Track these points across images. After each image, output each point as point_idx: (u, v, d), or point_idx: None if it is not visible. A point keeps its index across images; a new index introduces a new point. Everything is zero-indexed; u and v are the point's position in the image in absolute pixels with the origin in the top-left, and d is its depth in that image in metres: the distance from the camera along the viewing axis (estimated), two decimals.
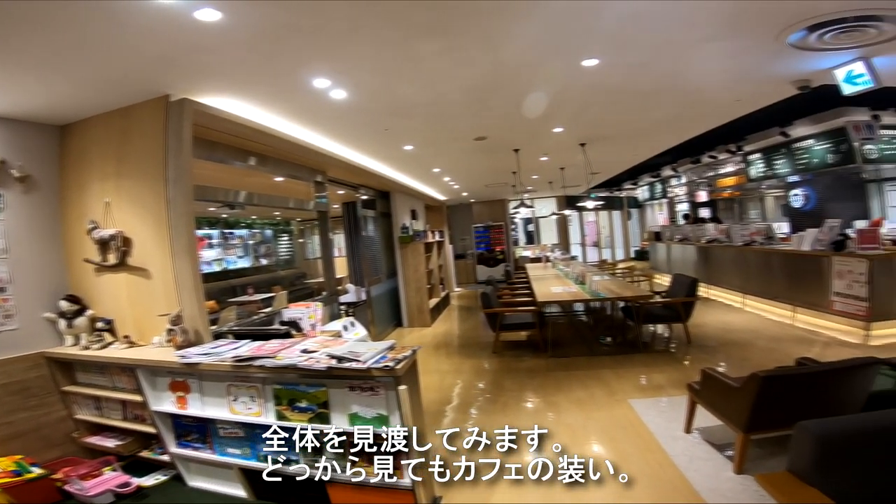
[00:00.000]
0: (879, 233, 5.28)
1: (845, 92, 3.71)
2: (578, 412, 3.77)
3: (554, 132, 5.66)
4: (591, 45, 3.04)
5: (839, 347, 4.90)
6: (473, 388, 4.72)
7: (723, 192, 10.60)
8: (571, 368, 4.90)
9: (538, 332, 5.72)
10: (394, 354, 2.30)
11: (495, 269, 13.24)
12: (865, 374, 2.48)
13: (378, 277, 7.50)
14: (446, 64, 3.18)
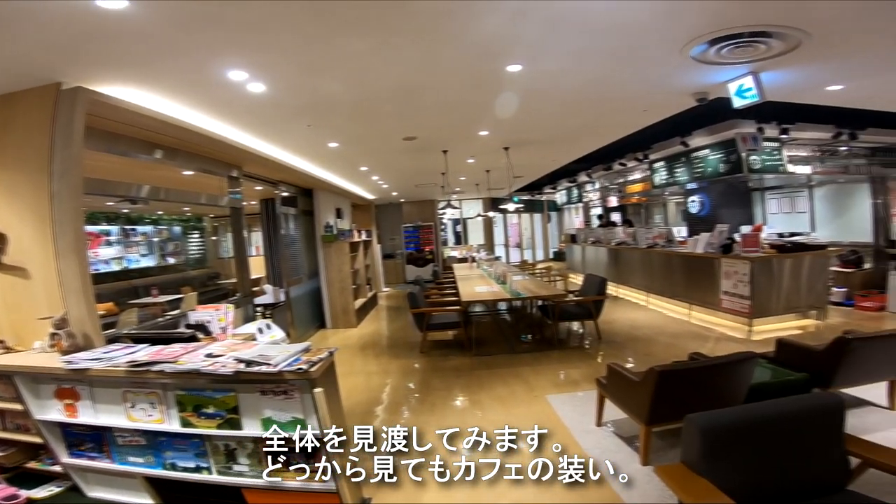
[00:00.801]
0: (760, 237, 5.98)
1: (735, 105, 3.94)
2: (501, 409, 3.88)
3: (480, 135, 5.77)
4: (515, 51, 3.12)
5: (728, 342, 5.42)
6: (402, 388, 4.71)
7: (631, 197, 11.43)
8: (494, 366, 5.03)
9: (464, 332, 5.81)
10: (309, 357, 2.23)
11: (424, 269, 13.28)
12: (745, 367, 2.73)
13: (299, 278, 7.22)
14: (375, 62, 3.13)
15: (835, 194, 8.22)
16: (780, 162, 6.86)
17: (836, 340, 3.07)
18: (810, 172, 7.18)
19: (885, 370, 3.27)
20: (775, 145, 6.84)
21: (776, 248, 5.91)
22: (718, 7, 2.51)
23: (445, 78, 3.61)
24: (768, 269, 5.66)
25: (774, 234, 6.98)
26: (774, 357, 3.49)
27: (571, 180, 12.90)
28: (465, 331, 5.81)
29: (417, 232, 13.94)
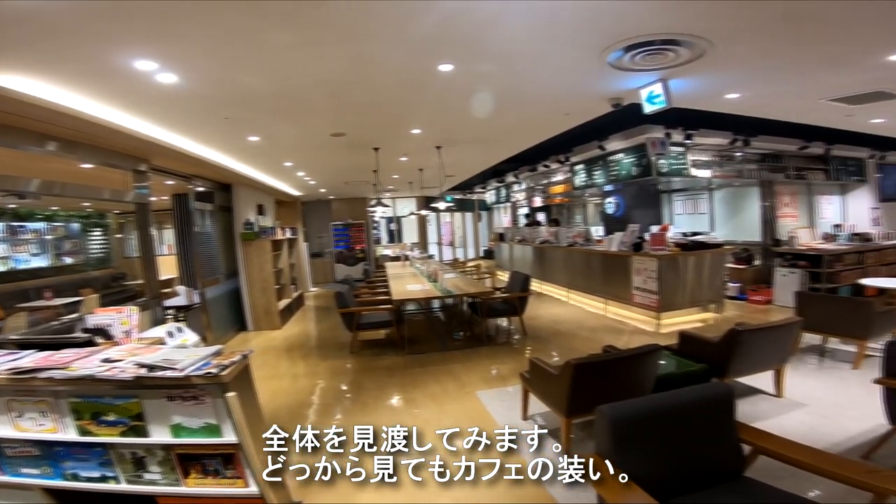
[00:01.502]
0: (666, 236, 6.49)
1: (646, 111, 4.11)
2: (433, 406, 3.91)
3: (413, 133, 5.75)
4: (447, 50, 3.14)
5: (640, 335, 5.84)
6: (332, 389, 4.62)
7: (555, 198, 11.96)
8: (427, 364, 5.05)
9: (396, 330, 5.78)
10: (220, 360, 2.12)
11: (354, 268, 13.02)
12: (651, 359, 2.92)
13: (216, 278, 6.80)
14: (301, 57, 3.04)
15: (731, 197, 9.13)
16: (685, 166, 7.44)
17: (729, 332, 3.38)
18: (710, 176, 7.83)
19: (772, 359, 3.62)
20: (681, 150, 7.38)
21: (680, 246, 6.45)
22: (633, 14, 2.66)
23: (376, 75, 3.56)
24: (674, 265, 6.16)
25: (679, 234, 7.60)
26: (678, 349, 3.78)
27: (500, 180, 13.27)
28: (398, 329, 5.78)
29: (348, 230, 13.63)
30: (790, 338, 3.69)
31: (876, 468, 1.82)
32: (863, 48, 3.17)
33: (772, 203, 8.34)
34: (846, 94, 4.37)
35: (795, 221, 8.68)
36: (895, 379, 2.59)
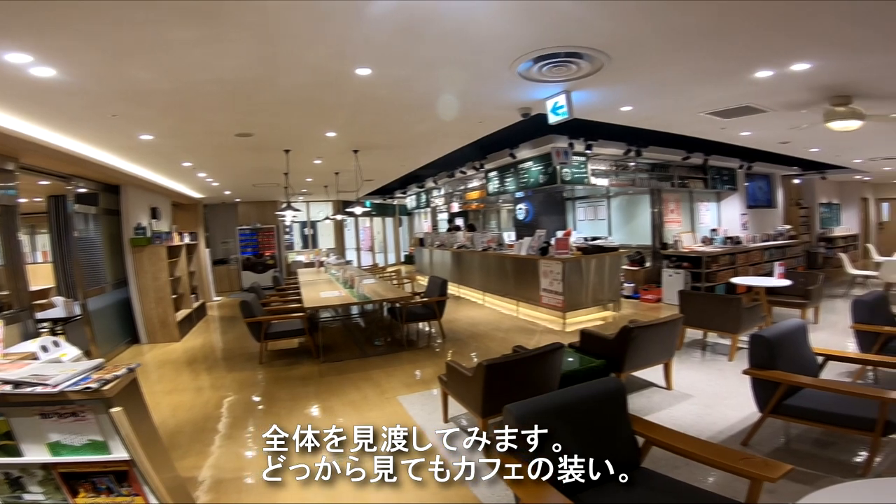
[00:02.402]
0: (569, 241, 6.96)
1: (551, 121, 4.29)
2: (353, 413, 3.84)
3: (328, 136, 5.62)
4: (365, 54, 3.12)
5: (548, 334, 6.15)
6: (241, 401, 4.37)
7: (471, 204, 12.31)
8: (345, 372, 4.94)
9: (310, 339, 5.59)
10: (101, 374, 1.98)
11: (264, 275, 12.35)
12: (556, 357, 3.09)
13: (101, 287, 6.10)
14: (203, 54, 2.86)
15: (626, 204, 10.02)
16: (586, 174, 8.02)
17: (622, 330, 3.67)
18: (608, 184, 8.50)
19: (660, 354, 3.97)
20: (582, 159, 7.94)
21: (582, 250, 6.96)
22: (541, 27, 2.81)
23: (288, 76, 3.45)
24: (577, 268, 6.62)
25: (581, 238, 8.18)
26: (580, 346, 4.06)
27: (420, 185, 13.37)
28: (312, 338, 5.59)
29: (256, 235, 12.89)
30: (675, 333, 4.09)
31: (749, 455, 1.98)
32: (733, 65, 3.55)
33: (660, 209, 9.27)
34: (720, 108, 4.89)
35: (679, 226, 9.75)
36: (760, 369, 2.94)
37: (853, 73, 3.67)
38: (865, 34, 2.85)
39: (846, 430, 2.72)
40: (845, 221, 14.37)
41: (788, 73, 3.65)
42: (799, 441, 3.06)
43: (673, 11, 2.56)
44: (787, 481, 2.35)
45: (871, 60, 3.36)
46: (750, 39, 2.98)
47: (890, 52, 3.17)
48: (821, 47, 3.11)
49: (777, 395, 2.84)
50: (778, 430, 3.14)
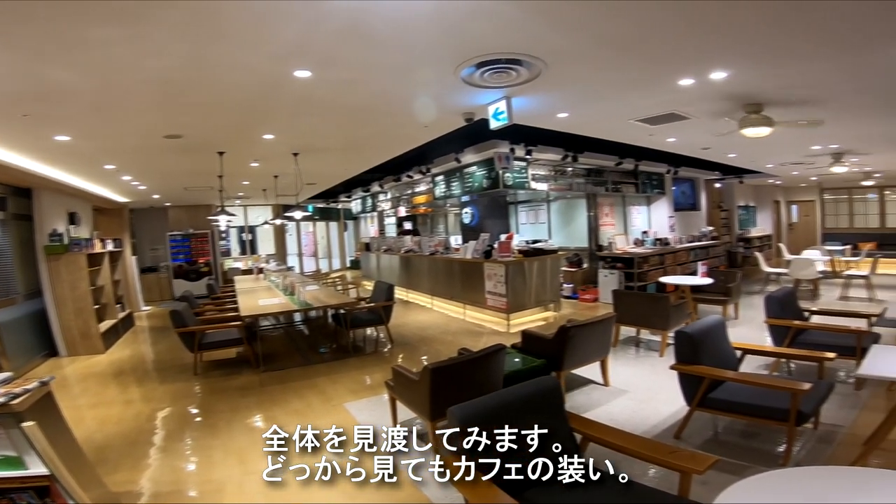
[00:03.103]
0: (511, 244, 7.14)
1: (492, 126, 4.36)
2: (298, 422, 3.72)
3: (265, 139, 5.45)
4: (304, 57, 3.06)
5: (494, 336, 6.28)
6: (176, 413, 4.18)
7: (419, 208, 12.32)
8: (287, 381, 4.82)
9: (249, 348, 5.37)
10: (9, 388, 1.87)
11: (198, 283, 11.70)
12: (498, 358, 3.14)
13: (11, 298, 5.57)
14: (127, 53, 2.73)
15: (565, 207, 10.41)
16: (526, 179, 8.25)
17: (559, 329, 3.80)
18: (547, 188, 8.80)
19: (597, 352, 4.15)
20: (523, 164, 8.15)
21: (523, 252, 7.16)
22: (482, 33, 2.86)
23: (222, 77, 3.32)
24: (519, 270, 6.80)
25: (524, 241, 8.41)
26: (522, 347, 4.16)
27: (365, 189, 13.19)
28: (251, 347, 5.38)
29: (189, 241, 12.18)
30: (609, 331, 4.29)
31: (677, 449, 2.09)
32: (659, 73, 3.76)
33: (595, 213, 9.72)
34: (648, 115, 5.17)
35: (613, 229, 10.26)
36: (685, 364, 3.06)
37: (763, 81, 3.95)
38: (773, 45, 3.09)
39: (765, 421, 2.87)
40: (760, 223, 15.74)
41: (708, 82, 3.89)
42: (727, 433, 3.23)
43: (604, 21, 2.68)
44: (716, 472, 2.48)
45: (779, 70, 3.64)
46: (673, 49, 3.17)
47: (794, 63, 3.46)
48: (735, 57, 3.35)
49: (702, 388, 2.99)
50: (707, 422, 3.30)
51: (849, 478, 1.57)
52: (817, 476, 1.62)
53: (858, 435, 2.99)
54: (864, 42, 2.98)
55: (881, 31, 2.79)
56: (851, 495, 1.42)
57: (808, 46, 3.10)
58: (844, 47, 3.10)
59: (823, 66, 3.52)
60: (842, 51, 3.17)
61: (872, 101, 4.55)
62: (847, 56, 3.27)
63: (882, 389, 3.69)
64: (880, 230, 15.15)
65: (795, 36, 2.92)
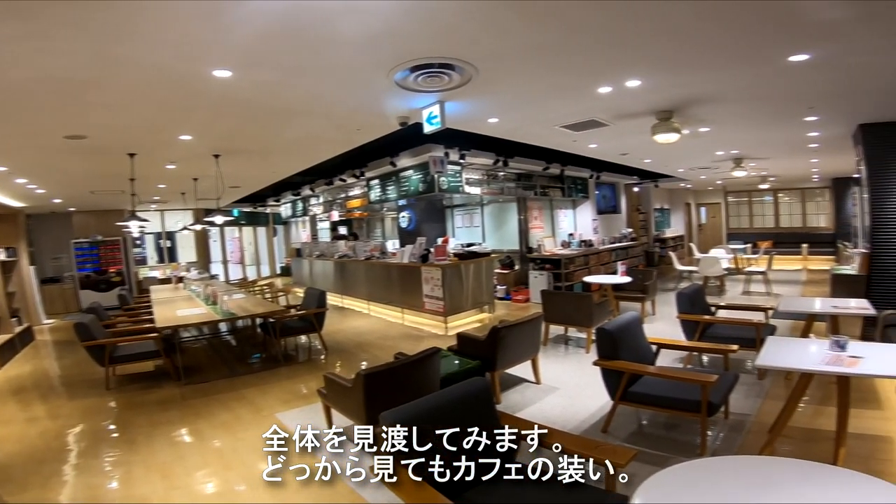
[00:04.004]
0: (447, 248, 7.22)
1: (426, 130, 4.39)
2: (226, 435, 3.61)
3: (182, 140, 5.12)
4: (223, 57, 2.94)
5: (433, 339, 6.29)
6: (89, 430, 3.89)
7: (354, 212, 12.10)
8: (212, 393, 4.60)
9: (168, 360, 5.06)
10: None
11: (108, 294, 10.72)
12: (433, 361, 3.17)
13: None
14: (23, 51, 2.54)
15: (497, 211, 10.69)
16: (461, 183, 8.36)
17: (491, 330, 3.90)
18: (480, 192, 8.97)
19: (527, 351, 4.28)
20: (457, 168, 8.26)
21: (458, 256, 7.27)
22: (415, 36, 2.86)
23: (131, 77, 3.12)
24: (455, 273, 6.89)
25: (459, 245, 8.53)
26: (458, 349, 4.23)
27: (296, 193, 12.72)
28: (170, 359, 5.07)
29: (97, 249, 11.11)
30: (538, 330, 4.44)
31: (600, 443, 2.15)
32: (581, 81, 3.91)
33: (525, 216, 10.07)
34: (571, 121, 5.39)
35: (542, 232, 10.68)
36: (606, 360, 3.19)
37: (671, 90, 4.24)
38: (674, 57, 3.33)
39: (680, 413, 3.01)
40: (674, 224, 17.07)
41: (624, 89, 4.11)
42: (651, 425, 3.40)
43: (531, 28, 2.77)
44: (641, 464, 2.62)
45: (683, 79, 3.93)
46: (593, 57, 3.32)
47: (695, 73, 3.73)
48: (645, 66, 3.57)
49: (622, 383, 3.12)
50: (631, 415, 3.46)
51: (753, 467, 1.68)
52: (723, 467, 1.70)
53: (764, 423, 3.19)
54: (755, 53, 3.27)
55: (770, 43, 3.07)
56: (750, 486, 1.51)
57: (705, 58, 3.36)
58: (738, 58, 3.38)
59: (721, 76, 3.82)
60: (736, 62, 3.45)
61: (765, 109, 5.00)
62: (741, 66, 3.56)
63: (781, 378, 4.05)
64: (775, 230, 17.00)
65: (692, 48, 3.16)
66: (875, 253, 5.36)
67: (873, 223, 5.37)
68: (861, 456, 2.75)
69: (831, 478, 1.52)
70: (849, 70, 3.61)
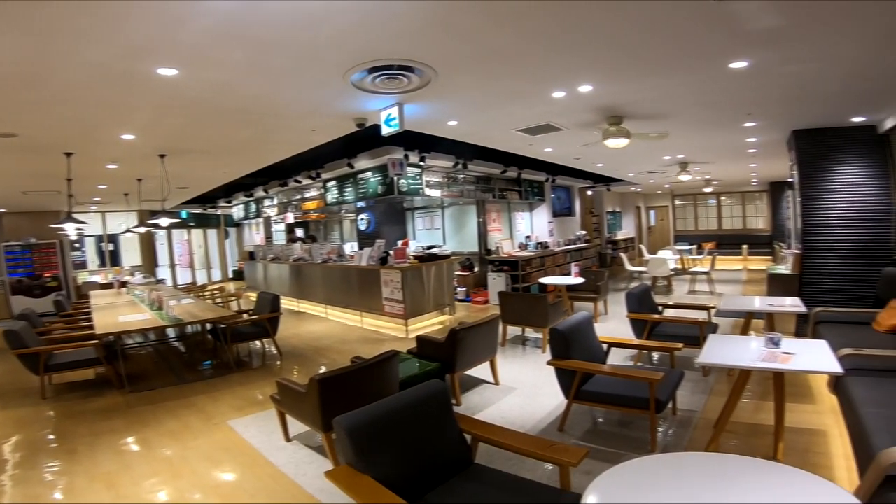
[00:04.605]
0: (407, 250, 7.19)
1: (383, 132, 4.35)
2: (174, 444, 3.46)
3: (124, 139, 4.88)
4: (170, 55, 2.84)
5: (393, 342, 6.23)
6: (23, 441, 3.66)
7: (310, 214, 11.82)
8: (159, 401, 4.41)
9: (110, 368, 4.82)
10: None
11: (43, 300, 10.00)
12: (391, 364, 3.14)
13: None
14: None
15: (458, 213, 10.74)
16: (421, 185, 8.33)
17: (450, 332, 3.91)
18: (441, 195, 8.96)
19: (486, 352, 4.30)
20: (417, 171, 8.22)
21: (419, 258, 7.25)
22: (374, 38, 2.84)
23: (66, 73, 2.97)
24: (416, 276, 6.87)
25: (420, 247, 8.51)
26: (417, 352, 4.21)
27: (248, 194, 12.29)
28: (113, 367, 4.83)
29: (30, 253, 10.36)
30: (496, 332, 4.48)
31: (553, 443, 2.12)
32: (537, 86, 3.98)
33: (484, 219, 10.17)
34: (527, 125, 5.50)
35: (500, 234, 10.83)
36: (559, 360, 3.23)
37: (621, 96, 4.38)
38: (627, 63, 3.43)
39: (631, 410, 3.05)
40: (625, 226, 17.74)
41: (577, 94, 4.22)
42: (606, 423, 3.46)
43: (490, 33, 2.80)
44: (597, 461, 2.72)
45: (631, 86, 4.05)
46: (547, 63, 3.40)
47: (641, 79, 3.86)
48: (597, 72, 3.67)
49: (575, 382, 3.17)
50: (586, 413, 3.54)
51: (697, 464, 1.72)
52: (669, 465, 1.74)
53: (710, 418, 3.30)
54: (699, 61, 3.42)
55: (713, 51, 3.21)
56: (693, 484, 1.56)
57: (653, 65, 3.49)
58: (684, 66, 3.53)
59: (667, 83, 3.98)
60: (682, 69, 3.60)
61: (709, 115, 5.25)
62: (686, 74, 3.72)
63: (724, 375, 4.25)
64: (718, 231, 17.98)
65: (640, 56, 3.27)
66: (806, 253, 5.74)
67: (804, 225, 5.74)
68: (799, 450, 2.89)
69: (768, 474, 1.58)
70: (783, 78, 3.81)
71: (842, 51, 3.20)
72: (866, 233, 5.46)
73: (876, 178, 5.41)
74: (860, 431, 2.38)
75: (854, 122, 5.37)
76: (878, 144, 5.41)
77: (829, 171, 5.60)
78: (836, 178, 5.57)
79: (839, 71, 3.66)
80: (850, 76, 3.78)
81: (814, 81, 3.93)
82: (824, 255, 5.64)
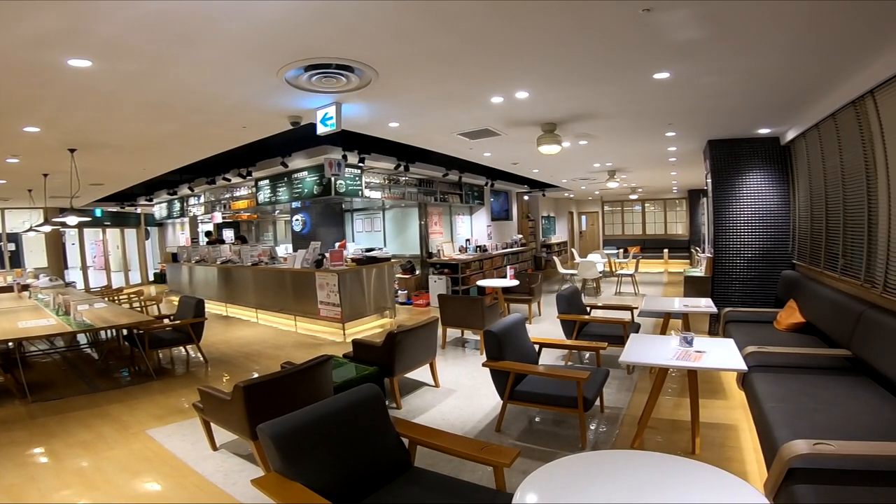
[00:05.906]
0: (344, 253, 7.05)
1: (319, 131, 4.24)
2: (88, 455, 3.22)
3: (27, 131, 4.48)
4: (82, 45, 2.65)
5: (329, 346, 6.07)
6: None
7: (238, 214, 11.27)
8: (67, 411, 4.09)
9: (9, 377, 4.45)
10: None
11: None
12: (323, 369, 3.07)
13: None
14: None
15: (399, 216, 10.69)
16: (360, 187, 8.21)
17: (388, 336, 3.88)
18: (381, 197, 8.87)
19: (425, 354, 4.30)
20: (357, 172, 8.09)
21: (356, 261, 7.13)
22: (310, 36, 2.75)
23: None
24: (354, 279, 6.75)
25: (359, 250, 8.38)
26: (354, 356, 4.14)
27: (172, 192, 11.49)
28: (12, 375, 4.46)
29: None
30: (434, 334, 4.48)
31: (487, 444, 2.15)
32: (476, 90, 4.00)
33: (426, 221, 10.21)
34: (467, 129, 5.55)
35: (442, 237, 10.92)
36: (493, 361, 3.28)
37: (554, 103, 4.50)
38: (559, 70, 3.52)
39: (561, 409, 3.13)
40: (559, 231, 18.48)
41: (514, 100, 4.30)
42: (542, 422, 3.53)
43: (432, 34, 2.80)
44: (532, 460, 2.80)
45: (561, 94, 4.17)
46: (486, 67, 3.43)
47: (577, 86, 3.97)
48: (533, 79, 3.75)
49: (509, 382, 3.22)
50: (521, 413, 3.60)
51: (619, 462, 1.82)
52: (594, 462, 1.81)
53: (635, 415, 3.39)
54: (625, 71, 3.56)
55: (638, 61, 3.35)
56: (616, 480, 1.65)
57: (583, 73, 3.60)
58: (611, 76, 3.67)
59: (597, 91, 4.12)
60: (610, 78, 3.73)
61: (635, 124, 5.52)
62: (614, 83, 3.87)
63: (646, 372, 4.49)
64: (643, 236, 19.22)
65: (572, 62, 3.36)
66: (717, 257, 6.26)
67: (715, 230, 6.24)
68: (715, 444, 3.06)
69: (687, 472, 1.69)
70: (699, 89, 4.05)
71: (746, 64, 3.42)
72: (768, 238, 6.00)
73: (778, 187, 5.94)
74: (764, 426, 2.53)
75: (760, 133, 5.85)
76: (781, 155, 5.95)
77: (738, 179, 6.10)
78: (744, 186, 6.07)
79: (745, 85, 3.92)
80: (754, 90, 4.05)
81: (724, 94, 4.17)
82: (732, 258, 6.16)
